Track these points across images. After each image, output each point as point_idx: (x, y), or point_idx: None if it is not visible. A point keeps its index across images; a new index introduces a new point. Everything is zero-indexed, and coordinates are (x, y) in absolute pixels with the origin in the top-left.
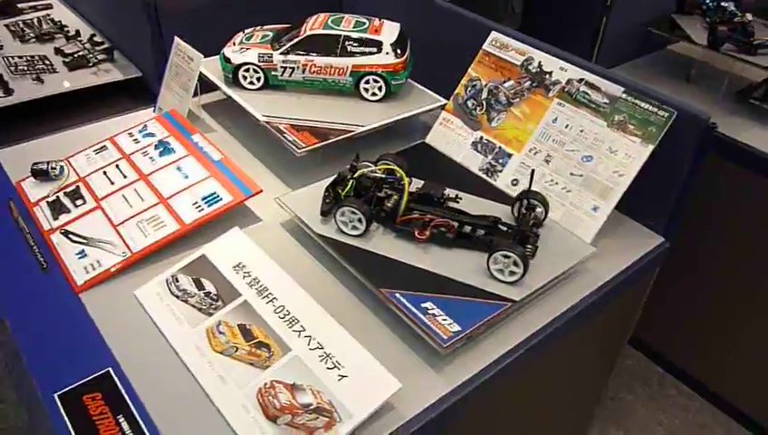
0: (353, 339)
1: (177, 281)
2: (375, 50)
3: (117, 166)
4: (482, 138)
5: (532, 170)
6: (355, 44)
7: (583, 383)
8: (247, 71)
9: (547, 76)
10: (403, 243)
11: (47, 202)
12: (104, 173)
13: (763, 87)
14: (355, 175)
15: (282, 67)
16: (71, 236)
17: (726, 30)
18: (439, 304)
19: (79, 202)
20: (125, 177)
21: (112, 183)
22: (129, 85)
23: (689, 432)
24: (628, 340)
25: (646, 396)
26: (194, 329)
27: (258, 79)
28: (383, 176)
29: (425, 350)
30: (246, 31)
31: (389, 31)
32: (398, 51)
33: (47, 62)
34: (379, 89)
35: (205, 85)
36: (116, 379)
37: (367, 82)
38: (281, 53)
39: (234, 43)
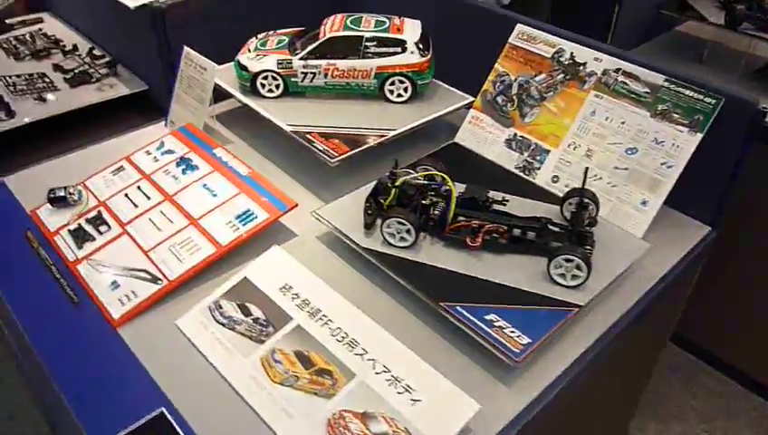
0: (420, 359)
1: (221, 308)
2: (399, 49)
3: (138, 187)
4: (516, 135)
5: (586, 168)
6: (378, 45)
7: (632, 379)
8: (266, 78)
9: (581, 68)
10: (454, 252)
11: (69, 230)
12: (126, 196)
13: None
14: (396, 183)
15: (302, 73)
16: (99, 266)
17: (744, 9)
18: (503, 315)
19: (103, 229)
20: (148, 198)
21: (136, 206)
22: (136, 99)
23: (725, 417)
24: None
25: (678, 384)
26: (247, 359)
27: (277, 86)
28: (427, 182)
29: (491, 364)
30: (260, 36)
31: (412, 29)
32: (423, 49)
33: (47, 79)
34: (405, 90)
35: (218, 95)
36: (171, 419)
37: (392, 83)
38: (300, 59)
39: (248, 50)
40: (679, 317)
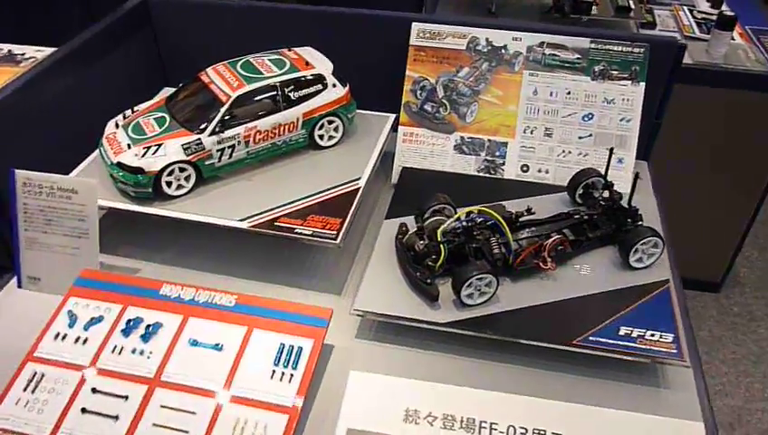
0: (608, 410)
1: None
2: (320, 87)
3: (94, 390)
4: (463, 138)
5: (611, 149)
6: (297, 88)
7: None
8: (171, 173)
9: (503, 51)
10: (526, 283)
11: None
12: (84, 411)
13: (566, 1)
14: (439, 238)
15: (218, 151)
16: None
17: None
18: (628, 323)
19: None
20: (125, 398)
21: (115, 418)
22: None
23: None
24: None
25: None
26: None
27: (187, 178)
28: (456, 223)
29: (636, 376)
30: (119, 122)
31: (316, 58)
32: (339, 78)
33: None
34: (336, 129)
35: None
36: None
37: (321, 127)
38: (212, 134)
39: (126, 146)
40: None
